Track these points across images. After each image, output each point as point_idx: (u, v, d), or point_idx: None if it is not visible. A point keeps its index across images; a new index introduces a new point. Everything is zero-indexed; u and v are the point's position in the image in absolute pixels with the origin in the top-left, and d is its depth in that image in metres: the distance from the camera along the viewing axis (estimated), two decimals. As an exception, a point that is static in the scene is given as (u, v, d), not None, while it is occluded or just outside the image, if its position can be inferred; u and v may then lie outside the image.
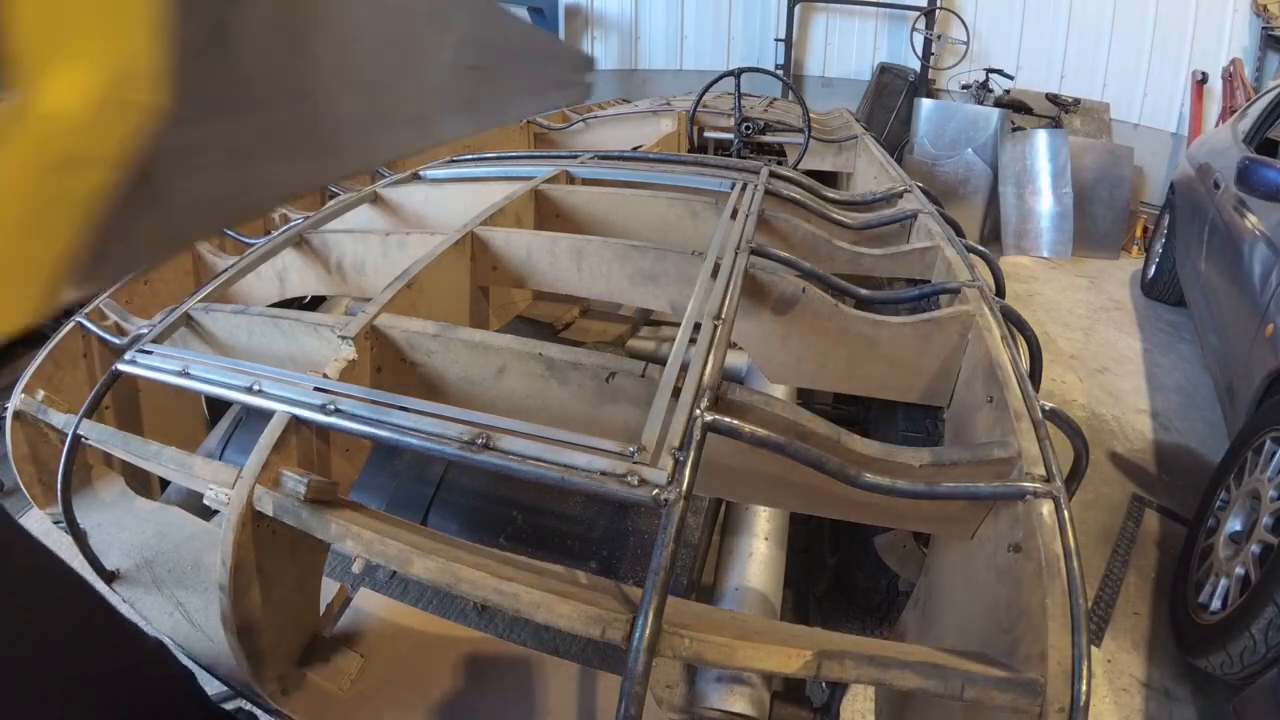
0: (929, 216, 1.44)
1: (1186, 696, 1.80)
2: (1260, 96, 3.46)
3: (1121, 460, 2.70)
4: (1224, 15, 4.93)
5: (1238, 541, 1.81)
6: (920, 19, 5.68)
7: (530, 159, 1.79)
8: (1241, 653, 1.59)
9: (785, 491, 0.77)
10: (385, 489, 1.33)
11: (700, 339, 0.80)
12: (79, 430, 0.95)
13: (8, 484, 2.38)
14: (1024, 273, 4.51)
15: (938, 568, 0.94)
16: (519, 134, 3.10)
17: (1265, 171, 2.34)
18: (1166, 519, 2.41)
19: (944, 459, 0.73)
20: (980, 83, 5.43)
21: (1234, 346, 2.39)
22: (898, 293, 1.18)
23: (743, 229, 1.17)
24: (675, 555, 0.57)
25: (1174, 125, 5.25)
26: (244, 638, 0.83)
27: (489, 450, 0.66)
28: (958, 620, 0.79)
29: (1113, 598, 2.08)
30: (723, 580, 1.24)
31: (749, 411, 0.74)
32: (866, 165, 2.67)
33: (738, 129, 3.10)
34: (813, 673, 0.54)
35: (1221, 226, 2.81)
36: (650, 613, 0.53)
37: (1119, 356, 3.52)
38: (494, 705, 0.96)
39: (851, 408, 1.83)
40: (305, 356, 0.99)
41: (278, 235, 1.40)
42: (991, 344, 0.93)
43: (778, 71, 5.58)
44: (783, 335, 1.11)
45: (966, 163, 4.89)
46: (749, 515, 1.32)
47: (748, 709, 0.93)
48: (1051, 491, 0.66)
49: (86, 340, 1.19)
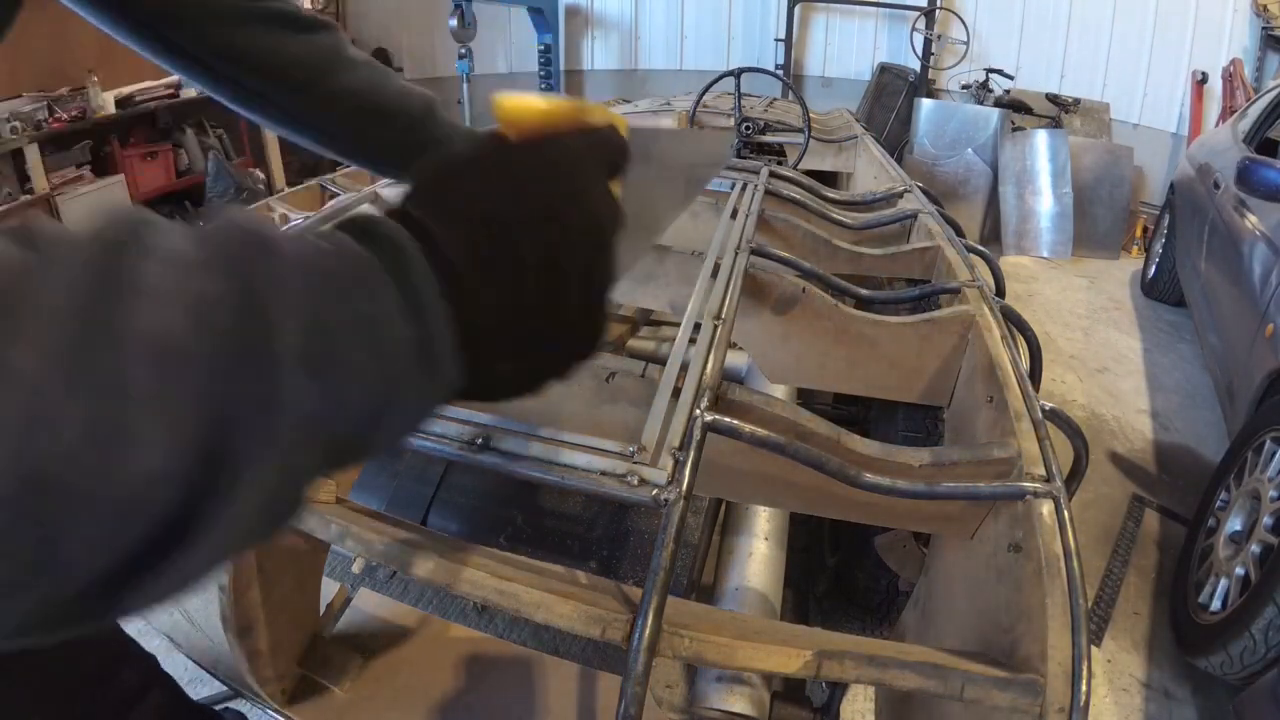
0: (929, 216, 1.44)
1: (1186, 696, 1.80)
2: (1260, 96, 3.46)
3: (1121, 460, 2.70)
4: (1224, 15, 4.93)
5: (1238, 541, 1.81)
6: (920, 19, 5.68)
7: (530, 159, 1.79)
8: (1241, 653, 1.59)
9: (785, 491, 0.77)
10: (385, 489, 1.33)
11: (700, 339, 0.81)
12: (79, 430, 0.95)
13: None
14: (1024, 273, 4.51)
15: (938, 568, 0.94)
16: (519, 134, 3.09)
17: (1265, 171, 2.34)
18: (1166, 519, 2.41)
19: (944, 459, 0.73)
20: (980, 83, 5.43)
21: (1234, 346, 2.39)
22: (898, 293, 1.19)
23: (743, 229, 1.17)
24: (675, 555, 0.57)
25: (1174, 125, 5.25)
26: (244, 638, 0.83)
27: (489, 450, 0.66)
28: (958, 620, 0.79)
29: (1113, 598, 2.08)
30: (723, 580, 1.24)
31: (749, 411, 0.74)
32: (866, 165, 2.68)
33: (738, 129, 3.10)
34: (813, 673, 0.55)
35: (1221, 226, 2.81)
36: (650, 613, 0.53)
37: (1119, 356, 3.52)
38: (494, 705, 0.96)
39: (851, 408, 1.83)
40: (305, 356, 0.99)
41: (278, 235, 1.40)
42: (991, 344, 0.93)
43: (778, 71, 5.58)
44: (783, 335, 1.11)
45: (966, 163, 4.89)
46: (749, 515, 1.32)
47: (748, 709, 0.93)
48: (1051, 491, 0.66)
49: (86, 340, 1.19)
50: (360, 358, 0.26)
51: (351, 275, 0.27)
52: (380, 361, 0.27)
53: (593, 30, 6.80)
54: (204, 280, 0.22)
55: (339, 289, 0.26)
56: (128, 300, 0.21)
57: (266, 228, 0.26)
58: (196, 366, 0.21)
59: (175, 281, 0.22)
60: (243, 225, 0.25)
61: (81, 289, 0.20)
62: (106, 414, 0.19)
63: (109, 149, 4.03)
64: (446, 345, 0.30)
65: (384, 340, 0.27)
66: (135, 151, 4.19)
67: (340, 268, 0.27)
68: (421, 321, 0.28)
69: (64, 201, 3.65)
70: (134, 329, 0.20)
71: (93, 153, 3.94)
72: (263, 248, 0.25)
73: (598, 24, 6.78)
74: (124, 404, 0.20)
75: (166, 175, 4.44)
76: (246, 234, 0.25)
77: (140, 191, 4.18)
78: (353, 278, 0.27)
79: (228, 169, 4.47)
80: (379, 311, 0.27)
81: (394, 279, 0.28)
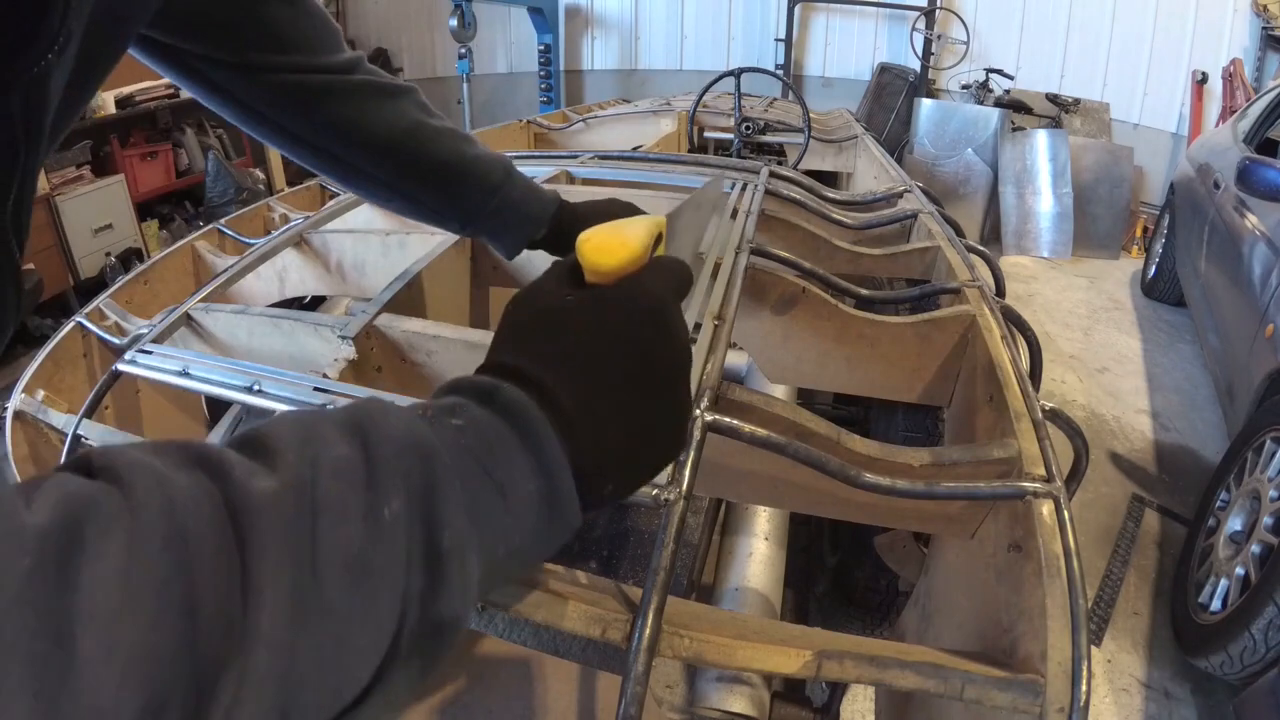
0: (929, 216, 1.44)
1: (1186, 696, 1.80)
2: (1260, 96, 3.46)
3: (1121, 460, 2.70)
4: (1224, 15, 4.93)
5: (1238, 541, 1.81)
6: (920, 19, 5.68)
7: (530, 159, 1.79)
8: (1241, 653, 1.59)
9: (785, 491, 0.77)
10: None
11: (700, 339, 0.80)
12: (79, 430, 0.95)
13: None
14: (1024, 273, 4.51)
15: (938, 568, 0.94)
16: (519, 134, 3.09)
17: (1265, 171, 2.34)
18: (1166, 519, 2.41)
19: (944, 459, 0.73)
20: (980, 83, 5.43)
21: (1234, 346, 2.39)
22: (898, 293, 1.18)
23: (743, 229, 1.16)
24: (675, 555, 0.57)
25: (1174, 125, 5.25)
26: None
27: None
28: (958, 620, 0.79)
29: (1113, 598, 2.08)
30: (723, 580, 1.24)
31: (749, 411, 0.74)
32: (866, 165, 2.67)
33: (738, 129, 3.10)
34: (813, 673, 0.54)
35: (1221, 226, 2.81)
36: (650, 613, 0.53)
37: (1119, 356, 3.52)
38: (494, 705, 0.96)
39: (851, 408, 1.83)
40: (305, 356, 0.99)
41: (278, 235, 1.40)
42: (991, 344, 0.93)
43: (778, 71, 5.58)
44: (783, 335, 1.10)
45: (966, 163, 4.89)
46: (749, 515, 1.32)
47: (748, 709, 0.93)
48: (1051, 491, 0.66)
49: (86, 340, 1.19)
50: (498, 520, 0.30)
51: (490, 447, 0.31)
52: (512, 518, 0.30)
53: (593, 30, 6.80)
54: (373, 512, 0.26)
55: (481, 465, 0.30)
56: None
57: (418, 437, 0.29)
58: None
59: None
60: (402, 442, 0.28)
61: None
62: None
63: (109, 149, 4.03)
64: (570, 492, 0.33)
65: (517, 499, 0.31)
66: (135, 151, 4.19)
67: (478, 444, 0.30)
68: (547, 474, 0.32)
69: (63, 201, 3.64)
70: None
71: (92, 152, 3.94)
72: (425, 458, 0.28)
73: (598, 24, 6.78)
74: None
75: (166, 175, 4.44)
76: (404, 449, 0.28)
77: (140, 191, 4.18)
78: (490, 449, 0.31)
79: (228, 169, 4.47)
80: (512, 475, 0.31)
81: (521, 440, 0.31)
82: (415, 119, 0.74)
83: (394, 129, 0.72)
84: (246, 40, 0.64)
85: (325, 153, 0.72)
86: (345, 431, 0.27)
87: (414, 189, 0.76)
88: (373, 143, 0.72)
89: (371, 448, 0.27)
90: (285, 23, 0.65)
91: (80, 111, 0.49)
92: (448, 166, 0.76)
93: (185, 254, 1.48)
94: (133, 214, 4.07)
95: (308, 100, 0.68)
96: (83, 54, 0.43)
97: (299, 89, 0.67)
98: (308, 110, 0.69)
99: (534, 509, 0.31)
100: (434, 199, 0.78)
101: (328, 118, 0.70)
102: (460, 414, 0.31)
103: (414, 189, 0.76)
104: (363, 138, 0.71)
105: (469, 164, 0.77)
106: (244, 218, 1.70)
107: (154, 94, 4.24)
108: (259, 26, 0.64)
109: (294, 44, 0.66)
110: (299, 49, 0.66)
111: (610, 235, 0.39)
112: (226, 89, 0.66)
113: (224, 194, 4.38)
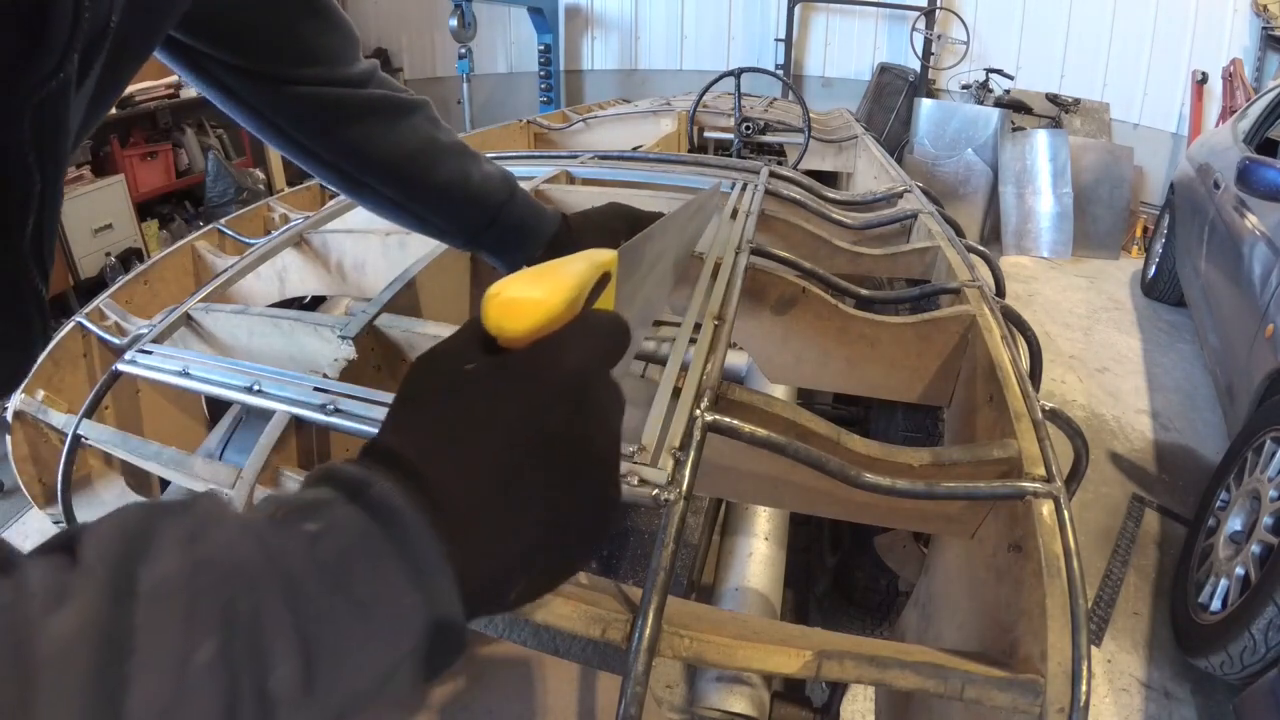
0: (929, 216, 1.44)
1: (1186, 696, 1.80)
2: (1260, 96, 3.46)
3: (1121, 460, 2.71)
4: (1224, 15, 4.93)
5: (1238, 541, 1.81)
6: (920, 19, 5.68)
7: (530, 159, 1.79)
8: (1241, 653, 1.60)
9: (785, 491, 0.77)
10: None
11: (700, 339, 0.81)
12: (79, 430, 0.95)
13: (8, 484, 2.38)
14: (1024, 273, 4.51)
15: (938, 568, 0.94)
16: (519, 134, 3.09)
17: (1265, 171, 2.34)
18: (1166, 519, 2.41)
19: (944, 459, 0.73)
20: (980, 83, 5.43)
21: (1234, 346, 2.39)
22: (898, 293, 1.18)
23: (743, 229, 1.16)
24: (675, 555, 0.57)
25: (1174, 125, 5.25)
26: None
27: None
28: (958, 620, 0.79)
29: (1113, 598, 2.08)
30: (723, 580, 1.24)
31: (749, 411, 0.74)
32: (866, 165, 2.67)
33: (738, 129, 3.10)
34: (813, 673, 0.54)
35: (1221, 226, 2.81)
36: (650, 613, 0.53)
37: (1119, 356, 3.52)
38: (494, 705, 0.96)
39: (851, 408, 1.83)
40: (305, 356, 0.99)
41: (277, 235, 1.40)
42: (991, 344, 0.93)
43: (778, 71, 5.58)
44: (783, 335, 1.11)
45: (966, 163, 4.89)
46: (749, 515, 1.32)
47: (748, 709, 0.93)
48: (1051, 491, 0.66)
49: (86, 340, 1.19)
50: (357, 647, 0.25)
51: (349, 558, 0.25)
52: (380, 641, 0.25)
53: (593, 30, 6.80)
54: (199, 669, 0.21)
55: (334, 581, 0.25)
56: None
57: (247, 555, 0.24)
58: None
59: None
60: (226, 564, 0.23)
61: None
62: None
63: (109, 149, 4.03)
64: (454, 602, 0.28)
65: (385, 617, 0.26)
66: (135, 151, 4.19)
67: (335, 556, 0.25)
68: (425, 587, 0.27)
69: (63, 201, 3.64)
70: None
71: (92, 152, 3.94)
72: (252, 584, 0.23)
73: (598, 24, 6.78)
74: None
75: (166, 175, 4.44)
76: (229, 572, 0.23)
77: (140, 191, 4.18)
78: (349, 561, 0.25)
79: (228, 169, 4.47)
80: (377, 591, 0.26)
81: (393, 546, 0.26)
82: (426, 136, 0.75)
83: (404, 149, 0.73)
84: (268, 49, 0.64)
85: (335, 167, 0.73)
86: (179, 539, 0.23)
87: (420, 209, 0.78)
88: (383, 163, 0.72)
89: (196, 568, 0.23)
90: (310, 35, 0.65)
91: (99, 123, 0.49)
92: (454, 187, 0.76)
93: (185, 254, 1.48)
94: (133, 214, 4.07)
95: (322, 115, 0.68)
96: (108, 66, 0.41)
97: (314, 101, 0.67)
98: (323, 126, 0.69)
99: (411, 626, 0.26)
100: (439, 218, 0.79)
101: (341, 135, 0.70)
102: (319, 515, 0.26)
103: (420, 209, 0.78)
104: (373, 158, 0.72)
105: (474, 185, 0.78)
106: (244, 218, 1.70)
107: (154, 94, 4.24)
108: (284, 36, 0.64)
109: (315, 56, 0.66)
110: (319, 61, 0.66)
111: (526, 286, 0.32)
112: (242, 95, 0.65)
113: (224, 194, 4.38)
